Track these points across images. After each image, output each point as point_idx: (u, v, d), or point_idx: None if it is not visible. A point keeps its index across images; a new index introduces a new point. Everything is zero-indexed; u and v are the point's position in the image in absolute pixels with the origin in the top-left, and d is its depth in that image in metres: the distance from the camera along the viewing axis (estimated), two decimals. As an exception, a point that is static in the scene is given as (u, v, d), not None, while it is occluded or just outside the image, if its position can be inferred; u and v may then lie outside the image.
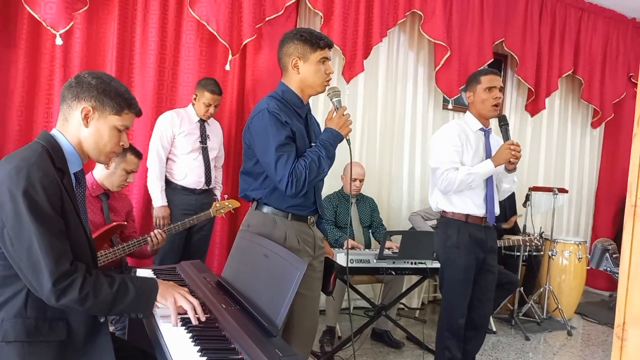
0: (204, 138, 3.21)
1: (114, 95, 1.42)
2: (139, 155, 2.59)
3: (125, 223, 2.59)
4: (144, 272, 2.01)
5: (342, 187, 3.65)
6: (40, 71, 3.04)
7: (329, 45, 1.93)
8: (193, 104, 3.21)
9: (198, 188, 3.18)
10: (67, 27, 2.98)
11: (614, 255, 0.94)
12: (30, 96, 3.01)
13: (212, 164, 3.25)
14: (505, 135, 2.46)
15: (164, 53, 3.36)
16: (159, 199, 3.08)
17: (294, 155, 1.82)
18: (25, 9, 2.90)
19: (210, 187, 3.27)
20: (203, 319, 1.44)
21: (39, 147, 1.35)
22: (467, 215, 2.49)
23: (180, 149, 3.14)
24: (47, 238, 1.25)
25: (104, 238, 2.42)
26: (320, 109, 3.96)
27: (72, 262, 1.29)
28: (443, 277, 2.55)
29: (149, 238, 2.52)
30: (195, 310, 1.44)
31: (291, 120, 1.87)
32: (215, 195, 3.32)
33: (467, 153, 2.48)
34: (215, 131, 3.32)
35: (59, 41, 2.98)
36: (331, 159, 1.90)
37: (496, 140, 2.60)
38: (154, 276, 1.94)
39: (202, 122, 3.22)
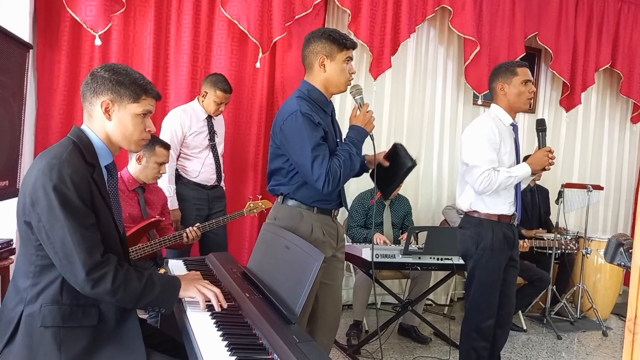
0: (212, 135, 3.19)
1: (129, 84, 1.45)
2: (167, 146, 2.69)
3: (163, 218, 2.71)
4: (176, 262, 2.11)
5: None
6: (80, 71, 3.20)
7: (354, 46, 1.98)
8: (201, 100, 3.15)
9: (209, 184, 3.19)
10: (106, 29, 3.12)
11: (629, 250, 0.92)
12: (70, 94, 3.18)
13: (221, 160, 3.25)
14: (543, 141, 2.41)
15: (196, 52, 3.47)
16: (170, 203, 3.02)
17: (328, 154, 1.87)
18: (67, 12, 3.06)
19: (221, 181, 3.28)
20: (225, 305, 1.51)
21: (70, 143, 1.42)
22: (500, 215, 2.44)
23: (191, 148, 3.12)
24: (79, 230, 1.32)
25: (143, 232, 2.54)
26: (347, 106, 4.00)
27: (103, 254, 1.36)
28: (473, 277, 2.49)
29: (184, 234, 2.63)
30: (217, 297, 1.51)
31: (321, 118, 1.92)
32: (222, 187, 3.32)
33: (504, 150, 2.40)
34: (220, 125, 3.31)
35: (98, 42, 3.13)
36: (360, 155, 1.97)
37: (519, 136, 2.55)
38: (185, 266, 2.04)
39: (210, 118, 3.19)
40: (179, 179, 3.13)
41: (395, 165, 2.09)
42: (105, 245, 1.39)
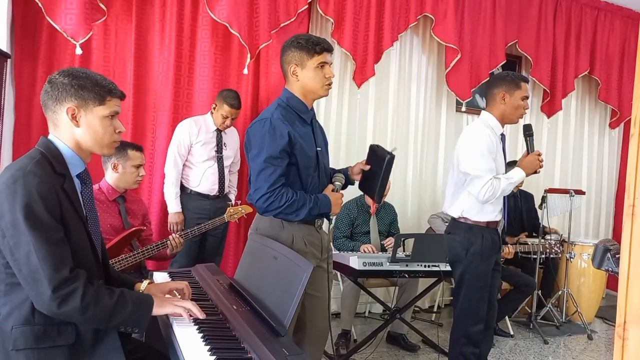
0: (219, 147, 3.27)
1: (92, 87, 1.39)
2: (139, 148, 2.65)
3: (144, 227, 2.66)
4: (160, 275, 2.06)
5: (364, 195, 3.57)
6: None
7: (327, 50, 1.93)
8: (212, 113, 3.26)
9: (212, 194, 3.26)
10: (87, 37, 3.07)
11: (616, 255, 0.92)
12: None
13: (226, 172, 3.31)
14: (531, 146, 2.46)
15: (180, 61, 3.44)
16: (173, 205, 3.17)
17: (280, 171, 1.84)
18: (46, 19, 3.00)
19: (225, 192, 3.33)
20: (202, 316, 1.47)
21: (38, 154, 1.36)
22: (488, 222, 2.47)
23: (196, 157, 3.21)
24: (45, 246, 1.25)
25: (125, 243, 2.49)
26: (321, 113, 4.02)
27: (72, 269, 1.29)
28: (462, 283, 2.49)
29: (167, 242, 2.59)
30: (194, 309, 1.47)
31: (294, 128, 1.89)
32: (230, 200, 3.38)
33: (499, 159, 2.44)
34: (232, 139, 3.39)
35: (78, 51, 3.08)
36: (311, 214, 1.91)
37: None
38: (170, 279, 1.99)
39: (219, 131, 3.28)
40: (182, 189, 3.22)
41: (375, 165, 2.06)
42: (77, 260, 1.32)
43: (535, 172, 2.44)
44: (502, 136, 2.51)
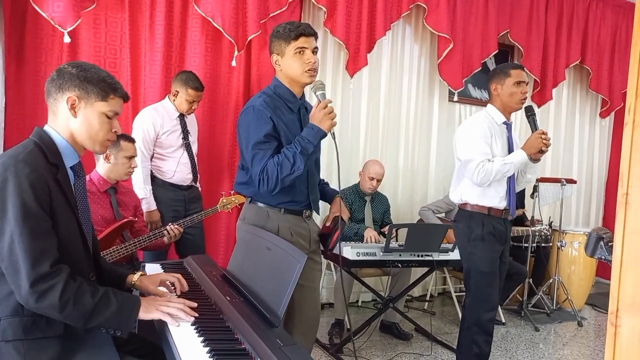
0: (185, 134, 3.10)
1: (97, 82, 1.39)
2: (132, 139, 2.61)
3: (136, 219, 2.63)
4: (153, 267, 2.05)
5: (359, 183, 3.66)
6: (48, 69, 3.08)
7: (305, 34, 1.86)
8: (172, 99, 3.05)
9: (185, 184, 3.11)
10: (75, 25, 3.02)
11: (609, 244, 0.93)
12: (39, 96, 3.07)
13: (196, 160, 3.17)
14: (534, 125, 2.48)
15: (170, 50, 3.39)
16: (148, 204, 2.98)
17: (270, 153, 1.83)
18: (33, 8, 2.94)
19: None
20: (194, 313, 1.42)
21: (31, 143, 1.34)
22: (490, 208, 2.48)
23: (165, 147, 3.02)
24: (29, 237, 1.23)
25: (116, 234, 2.47)
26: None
27: (54, 264, 1.26)
28: (470, 270, 2.51)
29: (165, 232, 2.56)
30: (184, 310, 1.41)
31: (279, 115, 1.88)
32: (198, 188, 3.26)
33: (495, 146, 2.47)
34: (193, 124, 3.23)
35: (67, 39, 3.03)
36: (308, 155, 1.83)
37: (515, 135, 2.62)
38: (162, 270, 1.97)
39: (182, 116, 3.10)
40: (153, 180, 3.04)
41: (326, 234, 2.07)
42: (65, 251, 1.30)
43: (541, 152, 2.41)
44: (507, 125, 2.54)
